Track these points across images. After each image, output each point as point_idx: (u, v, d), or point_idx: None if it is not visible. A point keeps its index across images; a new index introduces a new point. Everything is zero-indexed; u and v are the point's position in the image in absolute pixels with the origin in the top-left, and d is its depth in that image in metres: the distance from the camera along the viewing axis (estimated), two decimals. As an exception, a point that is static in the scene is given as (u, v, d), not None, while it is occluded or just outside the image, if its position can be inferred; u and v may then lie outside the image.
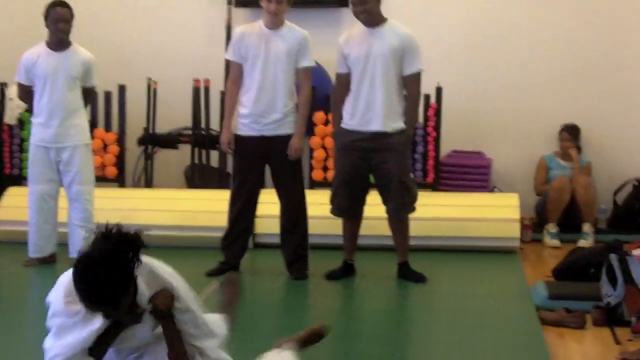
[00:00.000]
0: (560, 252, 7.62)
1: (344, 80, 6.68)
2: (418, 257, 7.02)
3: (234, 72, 6.73)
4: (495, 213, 7.80)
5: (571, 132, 8.75)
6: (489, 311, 6.08)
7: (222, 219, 7.08)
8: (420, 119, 8.58)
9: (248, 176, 6.74)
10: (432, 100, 8.61)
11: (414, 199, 6.72)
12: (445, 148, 8.87)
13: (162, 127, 9.05)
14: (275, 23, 6.56)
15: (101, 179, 6.80)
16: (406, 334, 5.72)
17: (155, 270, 3.49)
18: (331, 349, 5.27)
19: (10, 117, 8.71)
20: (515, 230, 7.73)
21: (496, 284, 6.84)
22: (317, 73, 8.35)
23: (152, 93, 8.94)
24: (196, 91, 8.89)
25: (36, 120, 6.88)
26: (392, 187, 6.61)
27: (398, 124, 6.59)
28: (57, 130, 6.77)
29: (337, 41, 6.77)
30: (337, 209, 6.83)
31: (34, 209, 6.93)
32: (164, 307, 3.46)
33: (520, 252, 7.78)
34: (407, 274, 6.78)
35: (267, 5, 6.50)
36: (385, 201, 6.71)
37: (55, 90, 6.75)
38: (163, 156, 9.18)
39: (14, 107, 8.45)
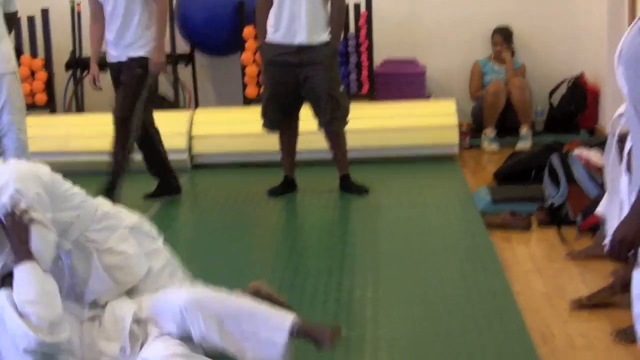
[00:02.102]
0: (498, 157, 7.63)
1: None
2: (358, 169, 6.98)
3: (91, 8, 6.55)
4: (432, 120, 7.76)
5: (504, 35, 8.70)
6: (434, 219, 6.07)
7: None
8: (352, 29, 8.49)
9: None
10: (363, 8, 8.48)
11: (345, 112, 6.62)
12: (378, 57, 8.78)
13: (89, 49, 8.79)
14: None
15: (31, 107, 6.59)
16: (353, 247, 5.67)
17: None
18: (280, 264, 5.26)
19: None
20: (453, 137, 7.71)
21: (438, 192, 6.81)
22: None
23: (76, 15, 8.68)
24: (122, 11, 8.64)
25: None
26: (321, 101, 6.50)
27: (323, 37, 6.46)
28: (-19, 58, 6.52)
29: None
30: (269, 123, 6.72)
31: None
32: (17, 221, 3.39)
33: (459, 159, 7.78)
34: (349, 187, 6.74)
35: None
36: (316, 116, 6.61)
37: (-24, 18, 6.48)
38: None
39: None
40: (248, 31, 8.46)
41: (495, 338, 4.12)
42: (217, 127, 7.89)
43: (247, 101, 8.52)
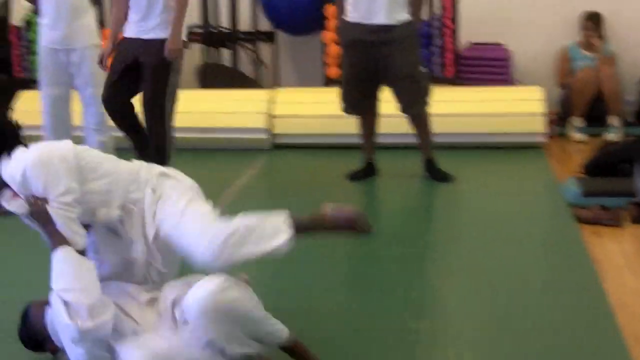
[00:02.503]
0: (586, 147, 7.42)
1: None
2: (440, 155, 6.80)
3: None
4: (519, 107, 7.54)
5: (594, 20, 8.43)
6: (519, 209, 5.87)
7: (237, 120, 6.86)
8: (437, 10, 8.32)
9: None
10: (449, -10, 8.31)
11: (425, 93, 6.43)
12: (464, 40, 8.59)
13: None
14: None
15: (112, 81, 6.56)
16: (433, 234, 5.53)
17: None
18: (357, 250, 5.12)
19: (17, 18, 8.43)
20: (540, 125, 7.47)
21: (524, 181, 6.62)
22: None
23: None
24: (205, -13, 8.58)
25: (43, 21, 6.60)
26: (399, 82, 6.32)
27: (403, 16, 6.26)
28: (66, 31, 6.47)
29: None
30: (349, 106, 6.56)
31: (48, 112, 6.71)
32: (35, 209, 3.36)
33: (545, 148, 7.55)
34: (434, 172, 6.58)
35: None
36: (395, 98, 6.43)
37: (60, -10, 6.44)
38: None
39: (20, 7, 8.14)
40: (330, 10, 8.34)
41: (584, 336, 3.94)
42: (298, 107, 7.78)
43: (328, 81, 8.40)
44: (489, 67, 8.47)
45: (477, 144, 7.47)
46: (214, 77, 8.55)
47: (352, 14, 6.32)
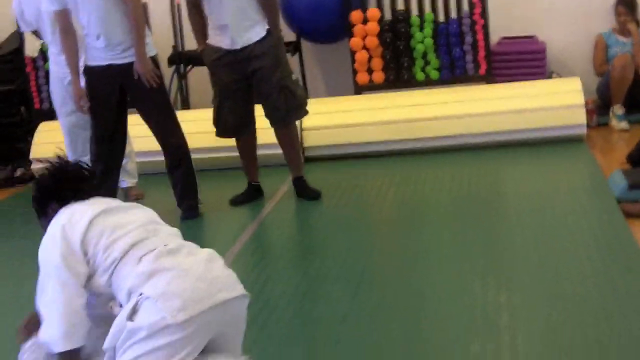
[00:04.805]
0: (630, 136, 7.14)
1: None
2: (478, 156, 6.57)
3: (63, 22, 5.79)
4: (557, 100, 7.27)
5: (628, 5, 8.15)
6: (565, 207, 5.55)
7: (267, 136, 6.64)
8: (465, 7, 8.08)
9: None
10: (476, -15, 8.06)
11: (301, 102, 6.17)
12: (495, 36, 8.33)
13: (192, 43, 8.56)
14: None
15: (134, 105, 6.38)
16: (477, 244, 5.18)
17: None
18: (403, 268, 4.88)
19: (32, 50, 8.30)
20: (580, 117, 7.19)
21: (567, 177, 6.32)
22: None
23: (176, 8, 8.45)
24: (224, 2, 8.38)
25: (50, 50, 6.49)
26: (273, 95, 6.06)
27: (261, 33, 6.00)
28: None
29: None
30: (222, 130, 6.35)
31: (67, 141, 6.59)
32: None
33: (587, 139, 7.26)
34: (303, 191, 6.30)
35: None
36: (269, 111, 6.16)
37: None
38: (196, 74, 8.72)
39: (34, 39, 8.01)
40: (356, 15, 8.12)
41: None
42: (329, 117, 7.53)
43: (359, 89, 8.17)
44: (523, 61, 8.21)
45: (516, 141, 7.22)
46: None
47: (214, 39, 6.08)
